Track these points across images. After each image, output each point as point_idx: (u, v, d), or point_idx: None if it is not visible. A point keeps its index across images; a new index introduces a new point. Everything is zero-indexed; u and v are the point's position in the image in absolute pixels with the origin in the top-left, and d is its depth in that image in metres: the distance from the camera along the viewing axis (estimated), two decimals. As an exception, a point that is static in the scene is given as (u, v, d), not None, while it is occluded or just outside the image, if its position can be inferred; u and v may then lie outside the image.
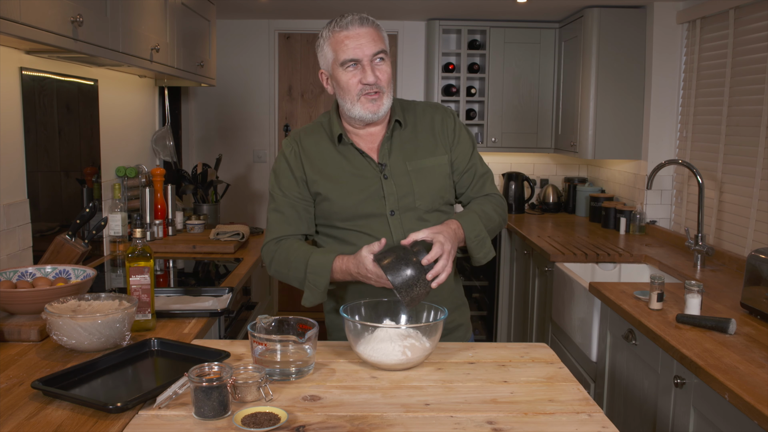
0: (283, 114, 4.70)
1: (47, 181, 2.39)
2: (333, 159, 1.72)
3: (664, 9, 3.50)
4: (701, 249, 2.82)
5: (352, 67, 1.64)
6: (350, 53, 1.62)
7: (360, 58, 1.62)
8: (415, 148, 1.73)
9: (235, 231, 3.09)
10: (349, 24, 1.62)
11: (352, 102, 1.66)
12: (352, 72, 1.64)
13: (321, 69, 1.72)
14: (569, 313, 2.91)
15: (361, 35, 1.62)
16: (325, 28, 1.67)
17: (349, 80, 1.64)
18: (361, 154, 1.71)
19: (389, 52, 1.70)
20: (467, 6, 3.85)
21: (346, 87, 1.65)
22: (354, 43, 1.62)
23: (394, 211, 1.69)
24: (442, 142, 1.76)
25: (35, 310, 1.75)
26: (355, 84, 1.64)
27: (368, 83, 1.63)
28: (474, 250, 1.69)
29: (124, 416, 1.25)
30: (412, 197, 1.69)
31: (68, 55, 2.23)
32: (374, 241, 1.62)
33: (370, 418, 1.25)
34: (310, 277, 1.63)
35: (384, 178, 1.69)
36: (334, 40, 1.64)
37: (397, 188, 1.69)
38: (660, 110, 3.58)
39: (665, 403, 1.97)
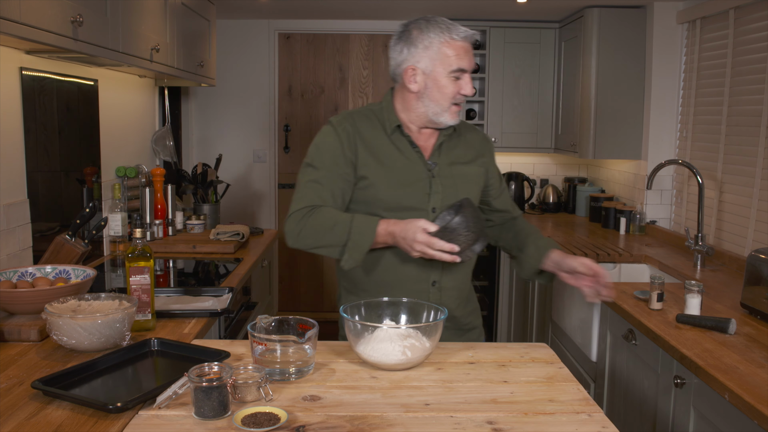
0: (283, 114, 4.71)
1: (47, 181, 2.39)
2: (386, 147, 1.74)
3: (664, 9, 3.50)
4: (701, 249, 2.82)
5: (458, 75, 1.69)
6: (464, 63, 1.69)
7: (467, 70, 1.70)
8: (460, 155, 1.81)
9: (235, 231, 3.09)
10: (466, 37, 1.69)
11: (442, 107, 1.71)
12: (456, 81, 1.69)
13: (412, 65, 1.70)
14: (569, 313, 2.91)
15: (470, 51, 1.71)
16: (435, 27, 1.68)
17: (450, 89, 1.69)
18: (414, 148, 1.75)
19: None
20: (467, 6, 3.85)
21: (444, 92, 1.69)
22: (468, 56, 1.69)
23: (435, 209, 1.74)
24: (480, 158, 1.85)
25: (35, 310, 1.75)
26: (453, 93, 1.70)
27: (466, 94, 1.71)
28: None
29: (124, 416, 1.25)
30: (455, 199, 1.73)
31: (68, 55, 2.23)
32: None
33: (370, 418, 1.25)
34: (354, 237, 1.61)
35: (432, 177, 1.74)
36: (452, 45, 1.68)
37: (442, 188, 1.75)
38: (660, 110, 3.58)
39: (665, 403, 1.97)
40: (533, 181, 4.54)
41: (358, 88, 4.70)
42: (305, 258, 4.84)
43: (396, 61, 1.73)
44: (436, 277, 1.76)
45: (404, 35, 1.72)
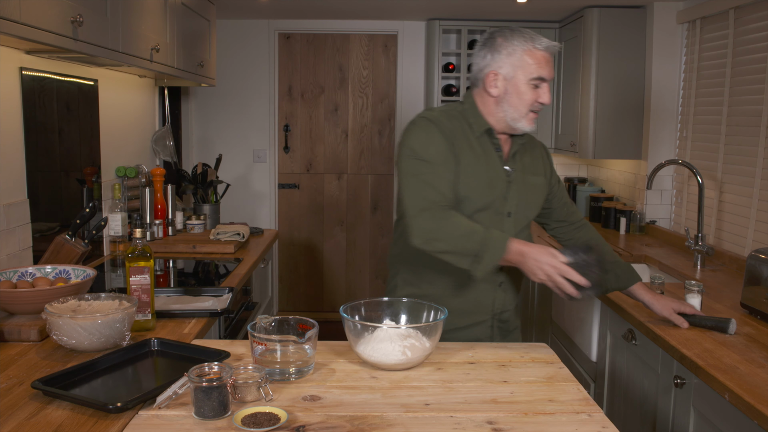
0: (283, 114, 4.71)
1: (47, 181, 2.39)
2: (473, 148, 1.78)
3: (664, 9, 3.50)
4: (701, 249, 2.82)
5: (538, 84, 1.75)
6: (545, 73, 1.74)
7: (548, 80, 1.76)
8: (529, 164, 1.89)
9: (235, 231, 3.09)
10: (548, 48, 1.75)
11: (519, 114, 1.76)
12: (535, 90, 1.75)
13: (494, 70, 1.75)
14: (569, 313, 2.91)
15: (551, 61, 1.77)
16: (519, 36, 1.74)
17: (530, 96, 1.75)
18: (498, 152, 1.81)
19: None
20: (467, 6, 3.85)
21: (523, 99, 1.75)
22: (549, 66, 1.75)
23: (511, 213, 1.81)
24: (542, 168, 1.93)
25: (35, 310, 1.75)
26: (532, 101, 1.75)
27: (544, 102, 1.76)
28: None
29: (124, 416, 1.25)
30: (525, 206, 1.85)
31: (68, 55, 2.23)
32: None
33: (370, 418, 1.25)
34: (489, 249, 1.61)
35: (509, 182, 1.81)
36: (534, 54, 1.73)
37: (517, 194, 1.82)
38: (660, 110, 3.58)
39: (665, 403, 1.97)
40: (533, 181, 4.53)
41: (358, 88, 4.70)
42: (305, 258, 4.84)
43: (479, 65, 1.79)
44: (503, 278, 1.84)
45: (489, 42, 1.78)
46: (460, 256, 1.63)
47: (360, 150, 4.75)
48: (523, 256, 1.62)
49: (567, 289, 1.59)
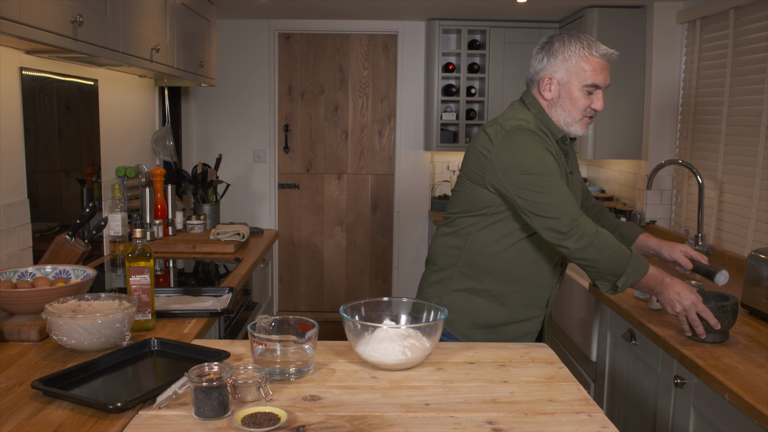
0: (283, 114, 4.71)
1: (47, 181, 2.39)
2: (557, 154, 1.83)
3: (664, 9, 3.50)
4: (701, 249, 2.82)
5: (592, 91, 1.80)
6: (600, 80, 1.79)
7: (602, 87, 1.80)
8: (573, 163, 1.96)
9: (235, 231, 3.09)
10: (605, 55, 1.79)
11: (573, 119, 1.82)
12: (589, 96, 1.80)
13: (549, 74, 1.81)
14: (569, 313, 2.91)
15: (607, 69, 1.80)
16: (577, 42, 1.79)
17: (583, 102, 1.80)
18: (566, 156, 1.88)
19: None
20: (467, 6, 3.85)
21: (576, 104, 1.81)
22: (604, 74, 1.79)
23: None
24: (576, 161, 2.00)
25: (35, 310, 1.75)
26: (585, 107, 1.81)
27: (596, 109, 1.81)
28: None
29: (124, 416, 1.25)
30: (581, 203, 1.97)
31: (68, 55, 2.23)
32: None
33: (370, 418, 1.25)
34: (631, 271, 1.71)
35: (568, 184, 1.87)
36: (590, 61, 1.78)
37: (573, 192, 1.90)
38: (660, 110, 3.58)
39: (665, 403, 1.97)
40: (533, 181, 4.53)
41: (358, 88, 4.70)
42: (305, 258, 4.84)
43: (535, 69, 1.86)
44: (559, 276, 1.93)
45: (547, 46, 1.84)
46: (605, 270, 1.72)
47: (360, 150, 4.75)
48: (665, 286, 1.73)
49: (699, 329, 1.75)
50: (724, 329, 1.81)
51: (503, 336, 1.90)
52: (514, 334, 1.91)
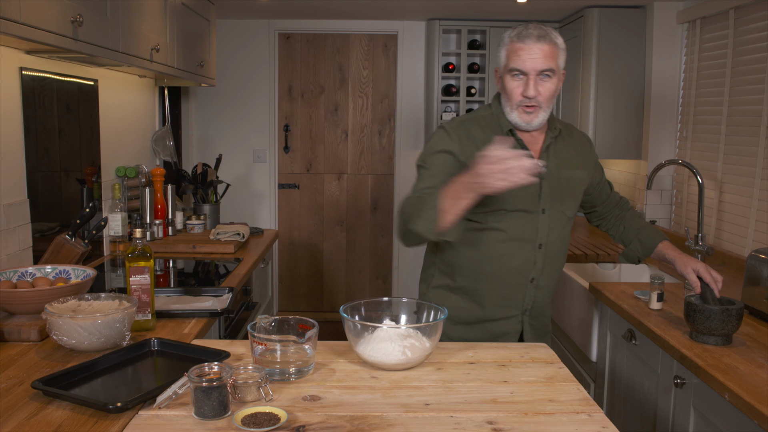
0: (283, 114, 4.71)
1: (47, 181, 2.39)
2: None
3: (664, 9, 3.50)
4: (701, 249, 2.82)
5: (518, 77, 1.75)
6: (519, 64, 1.73)
7: (527, 71, 1.73)
8: (566, 159, 1.88)
9: (235, 231, 3.09)
10: (527, 37, 1.73)
11: (511, 108, 1.79)
12: (517, 82, 1.76)
13: (496, 66, 1.83)
14: (569, 313, 2.91)
15: (535, 50, 1.72)
16: (509, 31, 1.78)
17: (513, 89, 1.76)
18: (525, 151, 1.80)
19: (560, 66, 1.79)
20: (467, 6, 3.85)
21: (509, 93, 1.78)
22: (526, 56, 1.72)
23: (545, 210, 1.82)
24: (584, 161, 1.93)
25: (35, 310, 1.75)
26: (517, 94, 1.76)
27: (528, 96, 1.74)
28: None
29: (124, 416, 1.25)
30: (561, 201, 1.84)
31: (68, 55, 2.23)
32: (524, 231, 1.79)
33: (370, 418, 1.25)
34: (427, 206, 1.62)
35: (542, 179, 1.80)
36: (510, 47, 1.75)
37: (551, 190, 1.83)
38: (660, 110, 3.57)
39: (665, 403, 1.97)
40: (533, 181, 4.53)
41: (358, 88, 4.69)
42: (305, 258, 4.84)
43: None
44: (536, 274, 1.85)
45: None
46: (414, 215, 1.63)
47: (360, 150, 4.75)
48: (469, 178, 1.53)
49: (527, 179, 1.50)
50: (728, 333, 1.80)
51: (478, 334, 1.89)
52: (489, 333, 1.89)
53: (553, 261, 1.87)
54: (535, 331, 1.94)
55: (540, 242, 1.83)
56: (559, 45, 1.78)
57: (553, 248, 1.86)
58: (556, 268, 1.90)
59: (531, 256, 1.83)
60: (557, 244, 1.86)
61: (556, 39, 1.77)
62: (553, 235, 1.84)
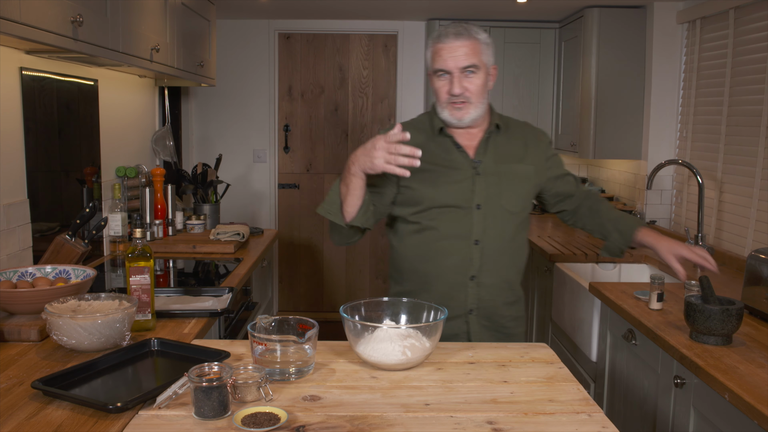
0: (283, 114, 4.71)
1: (47, 181, 2.39)
2: (430, 149, 1.81)
3: (664, 9, 3.50)
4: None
5: (443, 77, 1.77)
6: (441, 63, 1.75)
7: (450, 70, 1.75)
8: (507, 153, 1.86)
9: (235, 231, 3.09)
10: (445, 36, 1.75)
11: (441, 107, 1.81)
12: (442, 81, 1.78)
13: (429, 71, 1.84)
14: (569, 313, 2.91)
15: (455, 48, 1.74)
16: (434, 33, 1.82)
17: (440, 88, 1.79)
18: (458, 148, 1.82)
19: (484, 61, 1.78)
20: (467, 6, 3.85)
21: (437, 93, 1.80)
22: (447, 55, 1.74)
23: (480, 206, 1.80)
24: (533, 154, 1.90)
25: (35, 310, 1.75)
26: (444, 93, 1.78)
27: (454, 93, 1.75)
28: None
29: (124, 416, 1.25)
30: (499, 196, 1.82)
31: (68, 55, 2.23)
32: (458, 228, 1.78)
33: (370, 418, 1.25)
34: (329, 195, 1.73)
35: (476, 174, 1.81)
36: (433, 50, 1.78)
37: (487, 185, 1.81)
38: (660, 110, 3.58)
39: (665, 403, 1.97)
40: (533, 181, 4.53)
41: (358, 88, 4.69)
42: (305, 258, 4.84)
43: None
44: (475, 272, 1.82)
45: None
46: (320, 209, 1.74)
47: (360, 150, 4.75)
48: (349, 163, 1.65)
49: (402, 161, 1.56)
50: (728, 333, 1.80)
51: None
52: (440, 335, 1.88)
53: (495, 258, 1.82)
54: (491, 332, 1.87)
55: (476, 238, 1.80)
56: (482, 40, 1.77)
57: (493, 244, 1.81)
58: (502, 265, 1.84)
59: (467, 254, 1.80)
60: (497, 240, 1.82)
61: (478, 35, 1.76)
62: (491, 231, 1.80)
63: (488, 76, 1.81)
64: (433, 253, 1.81)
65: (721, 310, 1.78)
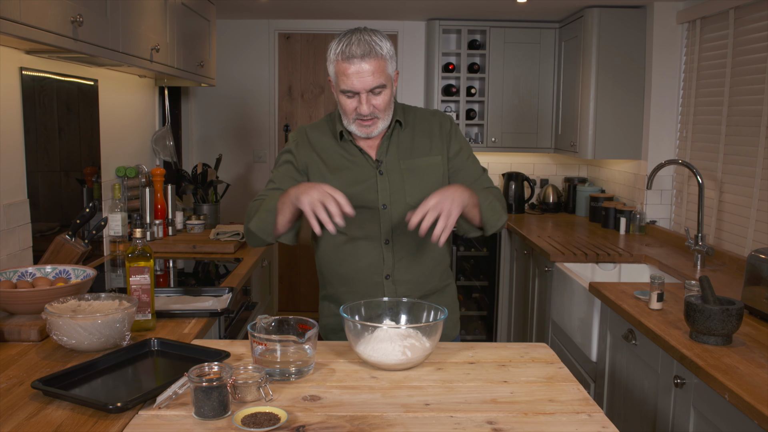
0: (283, 114, 4.71)
1: (47, 181, 2.39)
2: (334, 153, 1.81)
3: (664, 9, 3.50)
4: (701, 249, 2.82)
5: (350, 96, 1.69)
6: (349, 85, 1.66)
7: (358, 91, 1.67)
8: (411, 149, 1.82)
9: (235, 231, 3.09)
10: (352, 56, 1.63)
11: (348, 121, 1.74)
12: (350, 100, 1.70)
13: (329, 77, 1.74)
14: (569, 313, 2.91)
15: (363, 71, 1.64)
16: (332, 45, 1.68)
17: (347, 106, 1.71)
18: (360, 151, 1.80)
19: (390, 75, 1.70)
20: (467, 6, 3.85)
21: (344, 110, 1.73)
22: (355, 78, 1.64)
23: (386, 205, 1.77)
24: (438, 144, 1.83)
25: (35, 310, 1.75)
26: (351, 110, 1.71)
27: (362, 113, 1.69)
28: (486, 213, 1.71)
29: (124, 416, 1.25)
30: (403, 193, 1.78)
31: (68, 55, 2.23)
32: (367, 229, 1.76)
33: (370, 418, 1.25)
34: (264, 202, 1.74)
35: (379, 174, 1.78)
36: (337, 67, 1.67)
37: (390, 184, 1.78)
38: (660, 110, 3.58)
39: (665, 403, 1.97)
40: (533, 181, 4.54)
41: (358, 88, 4.69)
42: (305, 258, 4.84)
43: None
44: (389, 270, 1.79)
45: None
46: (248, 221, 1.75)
47: (360, 150, 4.75)
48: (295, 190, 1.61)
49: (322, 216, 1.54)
50: (728, 333, 1.80)
51: None
52: None
53: (408, 256, 1.78)
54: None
55: (386, 238, 1.77)
56: (386, 55, 1.67)
57: (403, 243, 1.78)
58: (416, 261, 1.79)
59: (379, 254, 1.78)
60: (407, 238, 1.77)
61: (382, 49, 1.65)
62: (399, 229, 1.76)
63: (393, 85, 1.73)
64: (347, 255, 1.80)
65: (721, 310, 1.78)
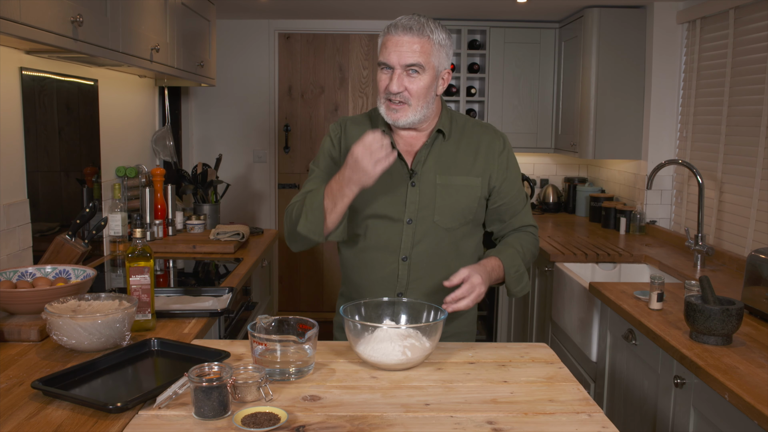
0: (283, 114, 4.71)
1: (47, 181, 2.39)
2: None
3: (664, 9, 3.50)
4: (701, 249, 2.82)
5: (385, 70, 1.61)
6: (385, 56, 1.60)
7: (392, 65, 1.59)
8: (451, 163, 1.70)
9: (235, 231, 3.09)
10: (395, 28, 1.58)
11: (380, 102, 1.65)
12: (384, 75, 1.62)
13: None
14: (569, 313, 2.91)
15: (402, 43, 1.57)
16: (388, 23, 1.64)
17: (380, 82, 1.63)
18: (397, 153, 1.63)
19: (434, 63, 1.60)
20: (467, 6, 3.85)
21: (378, 86, 1.65)
22: (392, 49, 1.58)
23: (411, 220, 1.68)
24: (482, 164, 1.72)
25: (35, 310, 1.75)
26: (383, 88, 1.62)
27: (391, 91, 1.60)
28: (511, 285, 1.69)
29: (124, 416, 1.25)
30: (432, 210, 1.68)
31: (68, 55, 2.23)
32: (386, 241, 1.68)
33: (370, 418, 1.25)
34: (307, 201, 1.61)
35: (411, 186, 1.68)
36: (383, 39, 1.62)
37: (420, 197, 1.68)
38: (660, 110, 3.58)
39: (665, 403, 1.97)
40: (533, 181, 4.54)
41: (358, 88, 4.69)
42: (305, 258, 4.84)
43: None
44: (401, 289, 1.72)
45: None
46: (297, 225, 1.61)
47: (360, 150, 4.75)
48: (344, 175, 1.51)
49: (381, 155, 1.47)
50: (728, 333, 1.80)
51: None
52: None
53: (423, 277, 1.70)
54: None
55: (404, 254, 1.68)
56: (435, 39, 1.58)
57: (421, 262, 1.69)
58: (431, 283, 1.70)
59: (394, 269, 1.69)
60: (425, 258, 1.69)
61: (432, 33, 1.58)
62: (420, 247, 1.68)
63: (437, 79, 1.63)
64: (363, 265, 1.73)
65: (721, 310, 1.78)
